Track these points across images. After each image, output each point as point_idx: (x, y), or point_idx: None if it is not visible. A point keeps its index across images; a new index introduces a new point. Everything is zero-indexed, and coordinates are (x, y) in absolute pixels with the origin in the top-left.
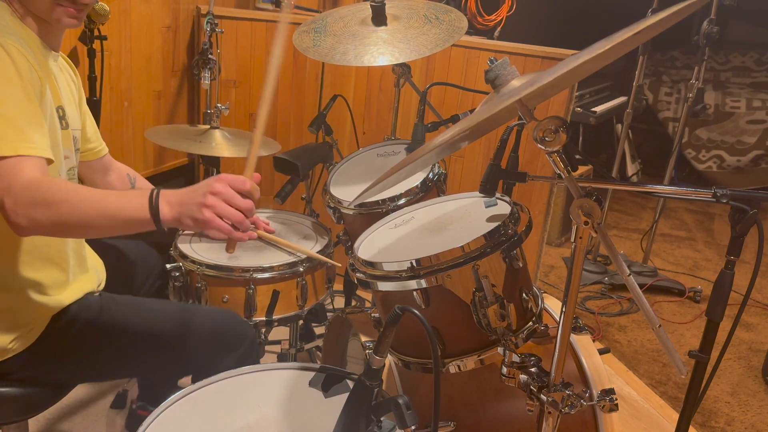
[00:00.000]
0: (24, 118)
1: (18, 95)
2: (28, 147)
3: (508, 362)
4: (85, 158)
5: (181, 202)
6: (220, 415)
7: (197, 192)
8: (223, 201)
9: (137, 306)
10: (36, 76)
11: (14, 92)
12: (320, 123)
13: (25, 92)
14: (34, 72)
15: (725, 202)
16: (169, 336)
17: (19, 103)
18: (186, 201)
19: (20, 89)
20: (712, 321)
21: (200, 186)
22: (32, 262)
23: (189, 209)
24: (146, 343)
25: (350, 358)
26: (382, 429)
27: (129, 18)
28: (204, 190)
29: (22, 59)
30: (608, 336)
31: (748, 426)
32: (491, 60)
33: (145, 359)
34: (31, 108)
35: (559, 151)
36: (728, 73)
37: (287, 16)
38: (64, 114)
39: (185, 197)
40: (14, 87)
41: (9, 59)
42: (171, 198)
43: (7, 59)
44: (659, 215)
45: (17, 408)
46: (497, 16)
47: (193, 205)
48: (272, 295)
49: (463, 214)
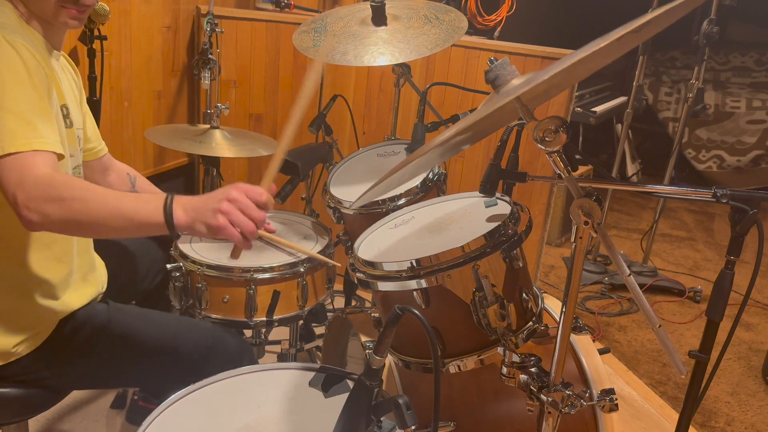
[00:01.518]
0: (36, 115)
1: (29, 92)
2: (40, 142)
3: (508, 362)
4: (85, 158)
5: (196, 207)
6: (220, 415)
7: (213, 198)
8: (238, 209)
9: (144, 318)
10: (44, 73)
11: (25, 90)
12: (320, 123)
13: (35, 89)
14: (42, 70)
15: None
16: (173, 351)
17: (30, 99)
18: (201, 207)
19: (30, 86)
20: (712, 321)
21: (217, 193)
22: (39, 261)
23: (203, 215)
24: (150, 356)
25: (350, 358)
26: (382, 429)
27: (129, 18)
28: (220, 197)
29: (30, 57)
30: (608, 336)
31: (748, 426)
32: (491, 60)
33: (148, 372)
34: (42, 104)
35: (559, 151)
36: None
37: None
38: (68, 113)
39: (200, 203)
40: (24, 85)
41: (18, 57)
42: (186, 204)
43: (16, 57)
44: (659, 215)
45: (17, 408)
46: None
47: (208, 211)
48: (273, 295)
49: (463, 214)
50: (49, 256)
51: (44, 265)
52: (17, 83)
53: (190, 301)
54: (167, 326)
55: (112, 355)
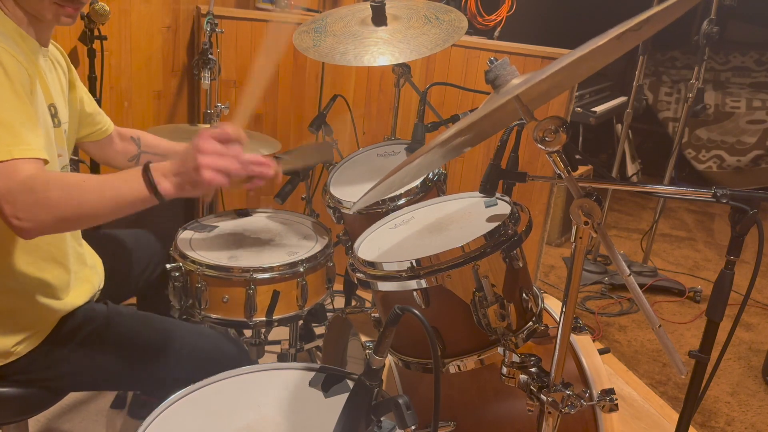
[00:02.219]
0: (17, 120)
1: (8, 97)
2: (22, 150)
3: (508, 362)
4: (96, 137)
5: (177, 171)
6: (220, 415)
7: (187, 156)
8: (215, 155)
9: (143, 322)
10: (26, 74)
11: (4, 95)
12: (320, 123)
13: (16, 93)
14: (24, 71)
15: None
16: (171, 355)
17: (10, 105)
18: (181, 169)
19: (10, 91)
20: (712, 321)
21: (187, 150)
22: (35, 262)
23: (187, 176)
24: (148, 359)
25: (350, 358)
26: (382, 429)
27: (129, 18)
28: (193, 153)
29: (9, 59)
30: (608, 336)
31: (748, 426)
32: (491, 60)
33: (146, 375)
34: (23, 108)
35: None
36: (728, 73)
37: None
38: (56, 112)
39: (179, 166)
40: (4, 89)
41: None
42: (165, 170)
43: None
44: (659, 215)
45: (17, 408)
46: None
47: (189, 171)
48: (272, 295)
49: (463, 214)
50: (43, 256)
51: (39, 265)
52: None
53: (189, 301)
54: (166, 330)
55: (111, 357)
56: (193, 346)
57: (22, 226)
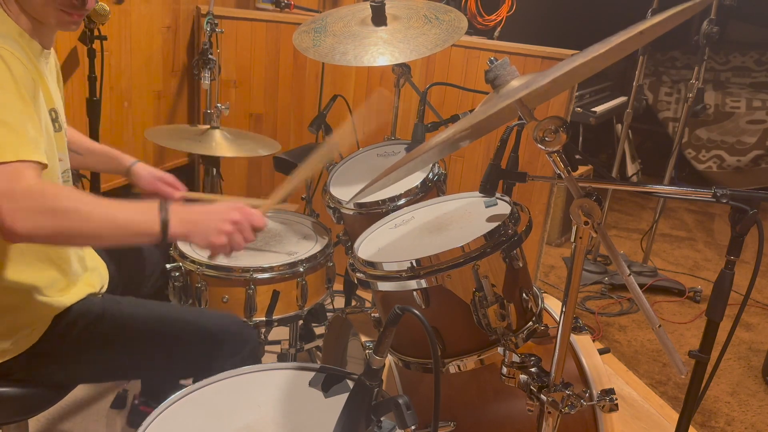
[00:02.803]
0: (22, 123)
1: (14, 101)
2: (27, 151)
3: (508, 362)
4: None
5: (195, 221)
6: (220, 415)
7: (216, 216)
8: (238, 231)
9: (140, 308)
10: (30, 78)
11: (11, 98)
12: (320, 123)
13: (21, 97)
14: (29, 74)
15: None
16: (171, 339)
17: (16, 108)
18: (201, 221)
19: (16, 94)
20: (712, 321)
21: (218, 210)
22: (32, 263)
23: (204, 230)
24: (148, 345)
25: (350, 358)
26: (382, 429)
27: (129, 18)
28: (223, 217)
29: (16, 63)
30: (608, 336)
31: (748, 426)
32: (491, 60)
33: (147, 361)
34: (28, 112)
35: (559, 151)
36: (728, 73)
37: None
38: (57, 116)
39: (200, 217)
40: (10, 92)
41: (4, 65)
42: (183, 215)
43: (1, 65)
44: (659, 215)
45: (17, 408)
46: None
47: (210, 229)
48: (272, 295)
49: (463, 214)
50: (40, 256)
51: (36, 266)
52: (4, 93)
53: (189, 300)
54: (164, 314)
55: (109, 345)
56: (195, 324)
57: (15, 227)
